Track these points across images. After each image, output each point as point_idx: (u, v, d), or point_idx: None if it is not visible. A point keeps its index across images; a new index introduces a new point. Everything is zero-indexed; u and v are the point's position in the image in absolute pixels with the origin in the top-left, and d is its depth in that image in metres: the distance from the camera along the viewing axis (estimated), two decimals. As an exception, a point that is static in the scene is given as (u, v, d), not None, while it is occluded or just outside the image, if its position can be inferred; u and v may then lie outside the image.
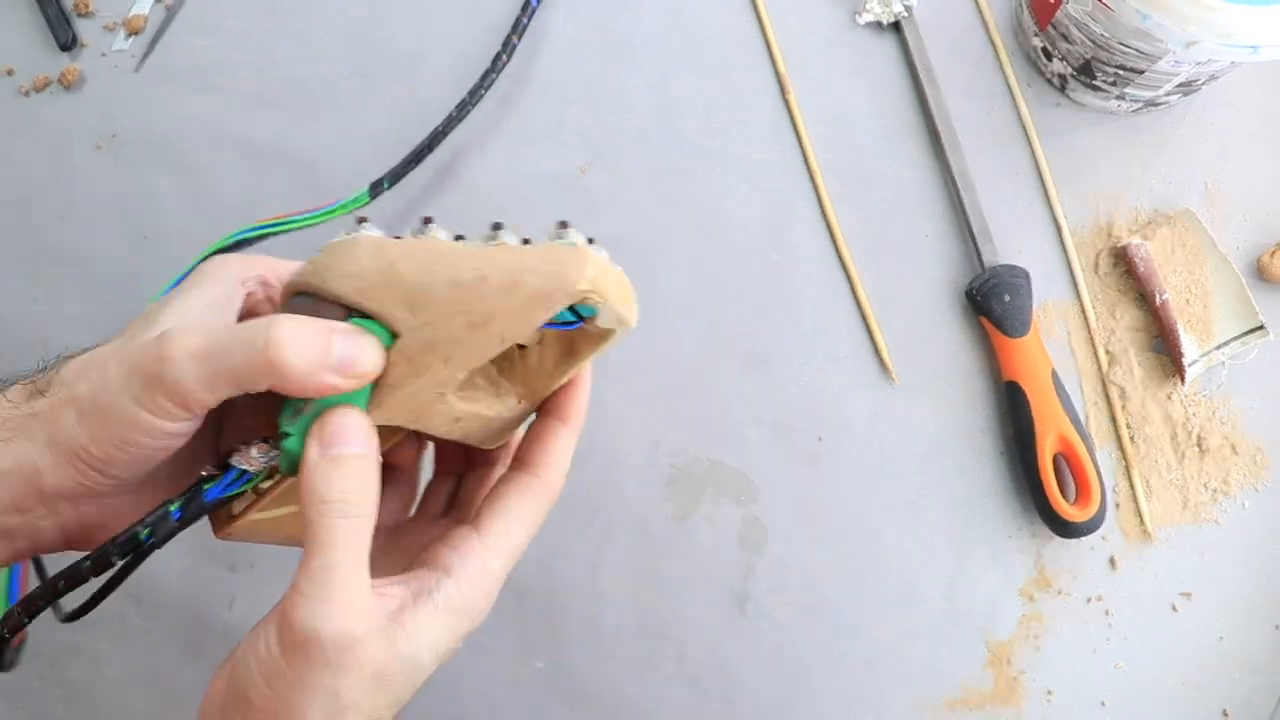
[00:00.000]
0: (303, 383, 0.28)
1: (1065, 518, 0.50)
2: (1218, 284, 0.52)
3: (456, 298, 0.30)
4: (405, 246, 0.31)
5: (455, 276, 0.30)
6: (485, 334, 0.30)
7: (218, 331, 0.29)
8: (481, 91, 0.56)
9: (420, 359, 0.30)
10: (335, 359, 0.28)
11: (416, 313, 0.30)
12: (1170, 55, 0.47)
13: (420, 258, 0.30)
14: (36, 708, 0.54)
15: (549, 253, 0.30)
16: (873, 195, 0.56)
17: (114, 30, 0.61)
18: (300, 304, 0.31)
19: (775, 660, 0.52)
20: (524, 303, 0.30)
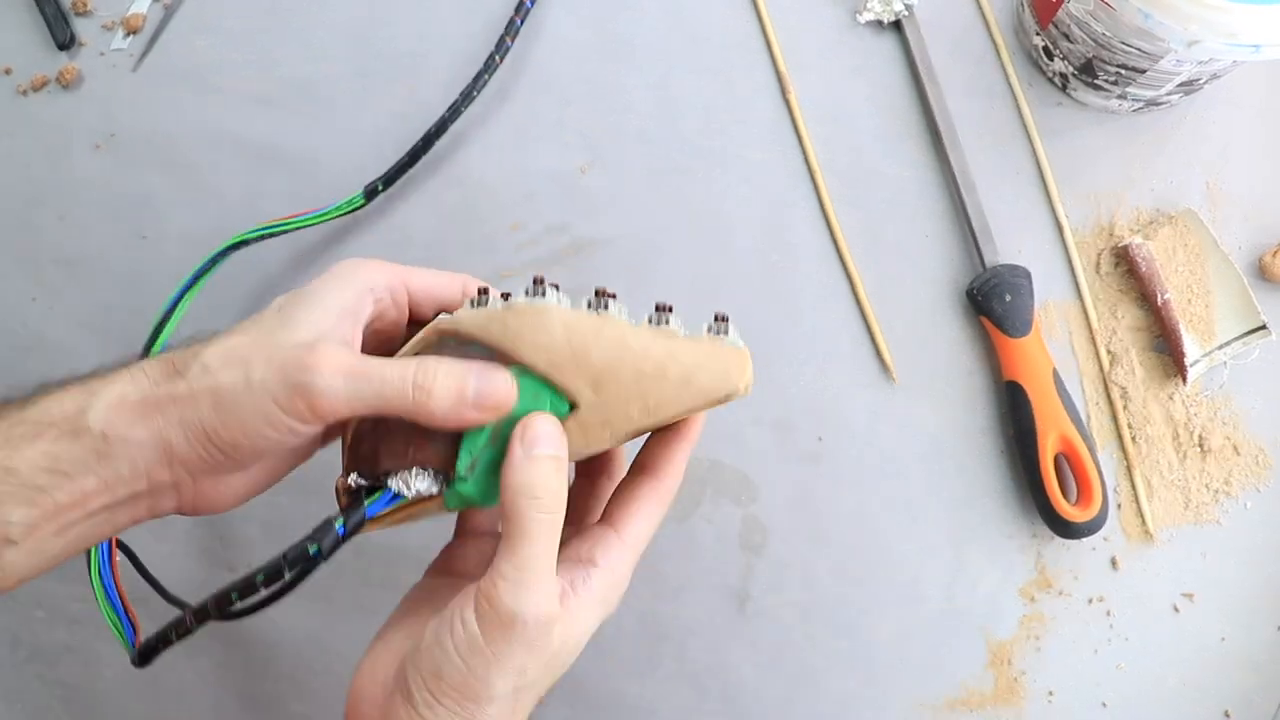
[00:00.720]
0: (444, 420, 0.32)
1: (1066, 518, 0.50)
2: (1219, 284, 0.52)
3: (637, 387, 0.34)
4: (594, 328, 0.34)
5: (640, 368, 0.34)
6: (654, 417, 0.34)
7: (370, 359, 0.32)
8: (474, 94, 0.56)
9: (592, 431, 0.34)
10: (471, 395, 0.33)
11: (599, 392, 0.34)
12: (1172, 54, 0.47)
13: (609, 345, 0.34)
14: (36, 707, 0.54)
15: (717, 352, 0.35)
16: (873, 195, 0.55)
17: (112, 29, 0.61)
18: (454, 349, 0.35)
19: (775, 660, 0.52)
20: (692, 396, 0.34)
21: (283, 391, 0.31)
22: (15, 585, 0.33)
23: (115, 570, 0.44)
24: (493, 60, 0.56)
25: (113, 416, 0.32)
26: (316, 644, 0.53)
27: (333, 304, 0.34)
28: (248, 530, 0.54)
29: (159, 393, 0.32)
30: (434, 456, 0.34)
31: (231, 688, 0.53)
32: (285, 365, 0.31)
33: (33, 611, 0.54)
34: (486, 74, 0.56)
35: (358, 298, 0.35)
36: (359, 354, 0.33)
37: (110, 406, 0.32)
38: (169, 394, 0.32)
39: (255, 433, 0.32)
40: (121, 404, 0.32)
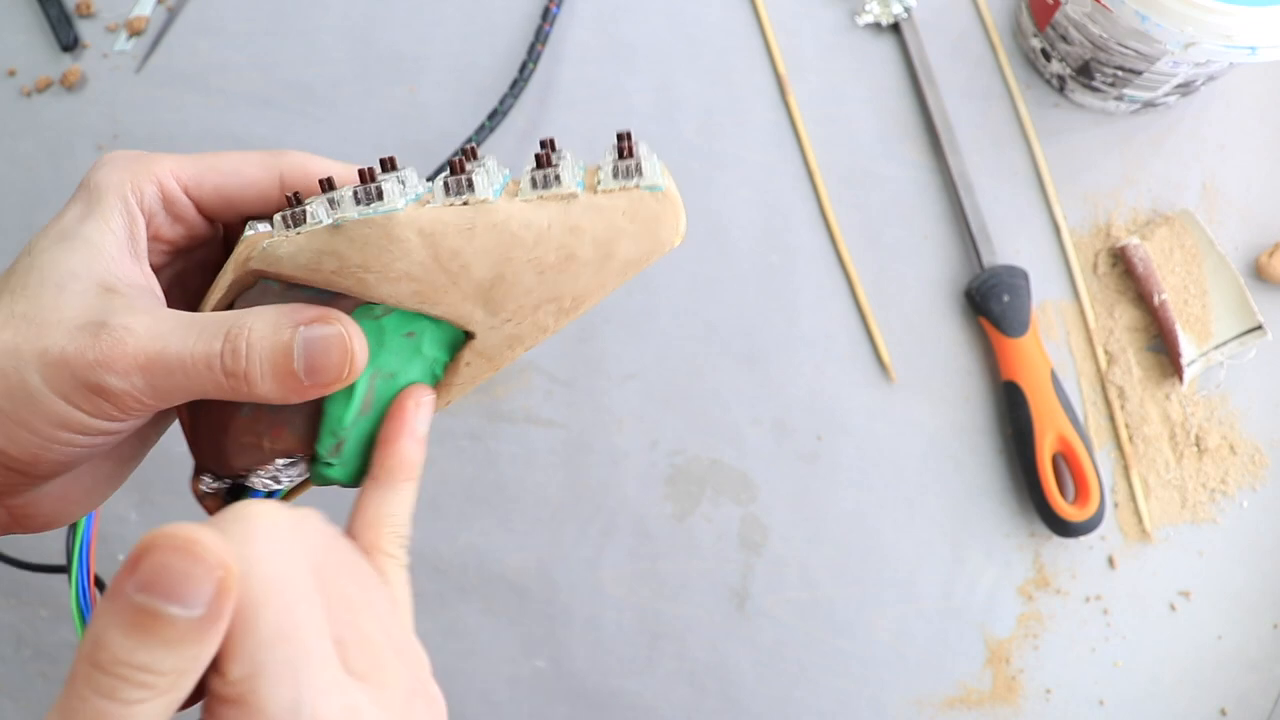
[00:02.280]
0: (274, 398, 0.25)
1: (1064, 517, 0.50)
2: (1216, 284, 0.52)
3: (543, 286, 0.26)
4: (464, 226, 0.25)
5: (541, 261, 0.26)
6: (576, 312, 0.27)
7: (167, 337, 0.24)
8: (495, 121, 0.56)
9: (499, 355, 0.27)
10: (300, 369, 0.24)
11: (495, 309, 0.26)
12: (1168, 56, 0.47)
13: (490, 244, 0.25)
14: (40, 706, 0.54)
15: (635, 208, 0.26)
16: (872, 196, 0.56)
17: (116, 31, 0.61)
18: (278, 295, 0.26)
19: (774, 658, 0.52)
20: (616, 272, 0.27)
21: (78, 393, 0.24)
22: None
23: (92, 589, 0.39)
24: (517, 84, 0.56)
25: None
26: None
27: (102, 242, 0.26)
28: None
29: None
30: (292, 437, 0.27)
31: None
32: (70, 365, 0.24)
33: (37, 610, 0.54)
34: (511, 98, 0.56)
35: (127, 223, 0.27)
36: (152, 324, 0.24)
37: None
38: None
39: (56, 442, 0.25)
40: None
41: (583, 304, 0.27)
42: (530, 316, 0.26)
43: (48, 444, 0.25)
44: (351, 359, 0.25)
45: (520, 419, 0.54)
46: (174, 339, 0.24)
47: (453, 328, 0.27)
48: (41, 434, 0.24)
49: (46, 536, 0.30)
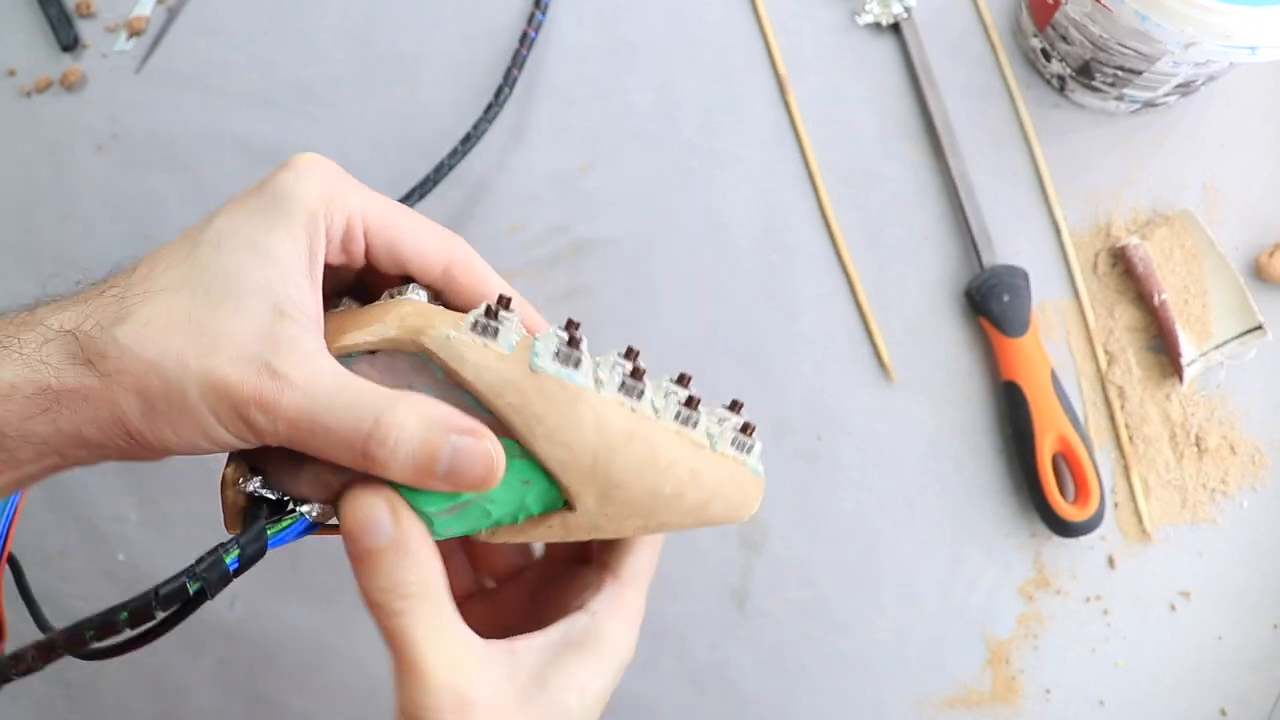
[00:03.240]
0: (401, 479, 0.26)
1: (1064, 517, 0.50)
2: (1216, 284, 0.52)
3: (647, 506, 0.29)
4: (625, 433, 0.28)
5: (659, 490, 0.29)
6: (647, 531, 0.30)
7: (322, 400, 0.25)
8: (486, 124, 0.56)
9: (576, 533, 0.29)
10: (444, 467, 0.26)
11: (603, 504, 0.29)
12: (1169, 56, 0.47)
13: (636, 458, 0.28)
14: (39, 707, 0.54)
15: (738, 479, 0.31)
16: (872, 195, 0.56)
17: (115, 31, 0.61)
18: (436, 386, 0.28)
19: (774, 658, 0.52)
20: (697, 520, 0.30)
21: (225, 416, 0.25)
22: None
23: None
24: (505, 86, 0.56)
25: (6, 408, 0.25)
26: (318, 642, 0.53)
27: (286, 262, 0.27)
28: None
29: (62, 384, 0.25)
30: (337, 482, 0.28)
31: (233, 686, 0.54)
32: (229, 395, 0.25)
33: (36, 610, 0.54)
34: (497, 106, 0.56)
35: (310, 241, 0.28)
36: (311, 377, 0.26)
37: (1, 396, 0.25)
38: (77, 389, 0.25)
39: (192, 444, 0.26)
40: (11, 396, 0.25)
41: (658, 529, 0.30)
42: (621, 520, 0.29)
43: (185, 443, 0.26)
44: (491, 476, 0.27)
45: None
46: (327, 404, 0.26)
47: (558, 497, 0.29)
48: (183, 436, 0.26)
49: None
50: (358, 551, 0.27)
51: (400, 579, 0.27)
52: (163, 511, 0.54)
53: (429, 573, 0.27)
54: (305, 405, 0.25)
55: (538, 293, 0.56)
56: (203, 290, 0.26)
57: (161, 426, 0.26)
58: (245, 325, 0.26)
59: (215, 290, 0.26)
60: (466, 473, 0.26)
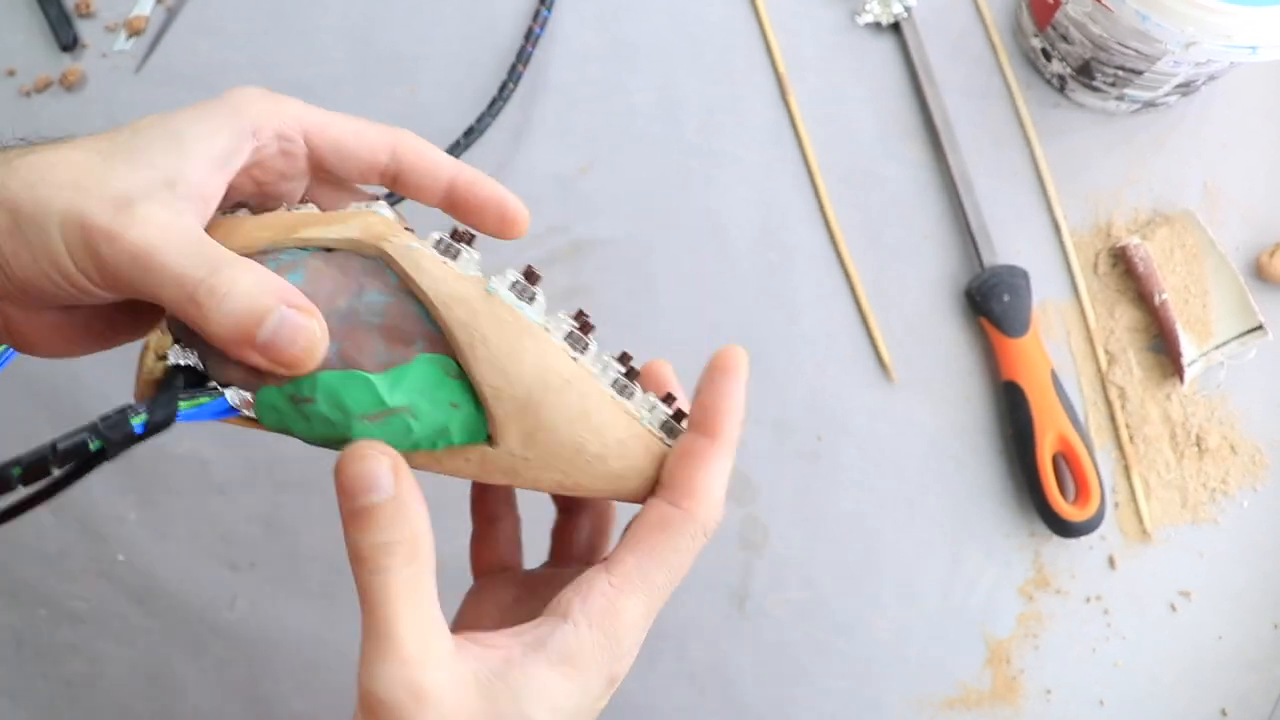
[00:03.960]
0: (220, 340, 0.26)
1: (1064, 517, 0.50)
2: (1216, 284, 0.52)
3: (569, 459, 0.28)
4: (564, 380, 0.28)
5: (584, 445, 0.28)
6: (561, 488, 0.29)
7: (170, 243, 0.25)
8: (489, 119, 0.55)
9: (490, 474, 0.28)
10: (265, 333, 0.25)
11: (525, 446, 0.28)
12: (1169, 56, 0.47)
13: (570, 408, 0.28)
14: (38, 707, 0.54)
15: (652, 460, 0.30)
16: (872, 195, 0.56)
17: (115, 31, 0.61)
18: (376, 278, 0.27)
19: (774, 659, 0.52)
20: (612, 489, 0.30)
21: (78, 245, 0.25)
22: None
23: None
24: (509, 81, 0.56)
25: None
26: (318, 642, 0.53)
27: (198, 149, 0.28)
28: (250, 530, 0.54)
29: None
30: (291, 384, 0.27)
31: (233, 686, 0.53)
32: (84, 215, 0.25)
33: (36, 610, 0.54)
34: (501, 101, 0.56)
35: (234, 141, 0.29)
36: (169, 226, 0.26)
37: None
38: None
39: (46, 279, 0.26)
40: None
41: (573, 488, 0.29)
42: (539, 469, 0.28)
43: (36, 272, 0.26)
44: (307, 356, 0.26)
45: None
46: (176, 247, 0.25)
47: (483, 430, 0.28)
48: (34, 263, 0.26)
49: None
50: (354, 507, 0.26)
51: (393, 536, 0.26)
52: (162, 511, 0.54)
53: (420, 534, 0.27)
54: (151, 242, 0.25)
55: (538, 293, 0.55)
56: (108, 152, 0.27)
57: (19, 247, 0.26)
58: (130, 179, 0.26)
59: (118, 154, 0.27)
60: (285, 346, 0.25)
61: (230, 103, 0.29)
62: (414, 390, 0.27)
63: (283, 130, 0.30)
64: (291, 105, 0.31)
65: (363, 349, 0.27)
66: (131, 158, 0.27)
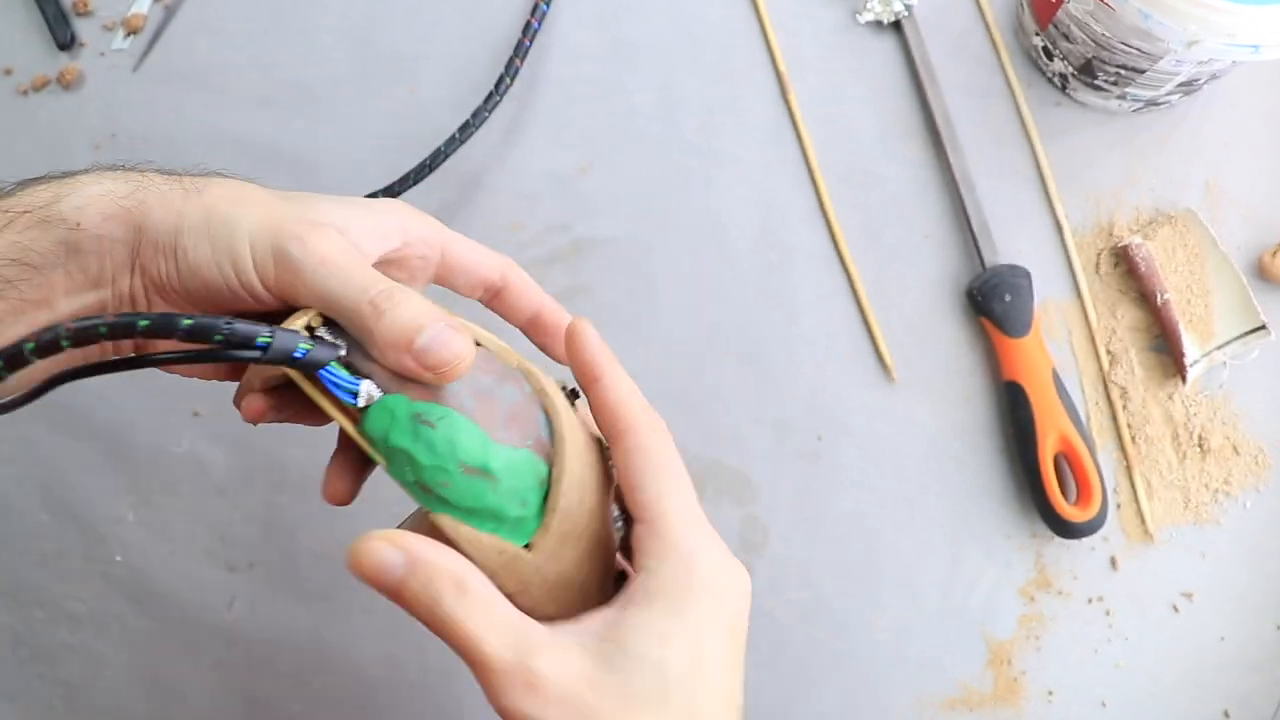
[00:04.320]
0: (380, 353, 0.29)
1: (1066, 518, 0.50)
2: (1219, 284, 0.52)
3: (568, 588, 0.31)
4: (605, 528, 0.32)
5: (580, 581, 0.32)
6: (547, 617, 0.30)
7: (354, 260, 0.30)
8: (485, 114, 0.55)
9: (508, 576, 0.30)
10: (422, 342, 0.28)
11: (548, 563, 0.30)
12: (1172, 55, 0.47)
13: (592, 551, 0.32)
14: (36, 708, 0.54)
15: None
16: (872, 195, 0.55)
17: (113, 30, 0.61)
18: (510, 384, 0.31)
19: (774, 659, 0.52)
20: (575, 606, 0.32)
21: (264, 245, 0.29)
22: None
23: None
24: (503, 82, 0.56)
25: (89, 208, 0.29)
26: (317, 643, 0.53)
27: (364, 219, 0.32)
28: (249, 531, 0.54)
29: (148, 194, 0.30)
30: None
31: (232, 687, 0.53)
32: (282, 221, 0.29)
33: (33, 611, 0.54)
34: (497, 95, 0.55)
35: (387, 230, 0.33)
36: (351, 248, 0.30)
37: (90, 198, 0.29)
38: (158, 197, 0.30)
39: (217, 267, 0.29)
40: (103, 198, 0.29)
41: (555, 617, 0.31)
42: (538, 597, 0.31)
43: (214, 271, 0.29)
44: (457, 367, 0.29)
45: (519, 419, 0.54)
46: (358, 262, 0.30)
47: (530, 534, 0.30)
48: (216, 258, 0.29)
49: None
50: (388, 594, 0.28)
51: (433, 590, 0.28)
52: (160, 513, 0.54)
53: (451, 565, 0.28)
54: (341, 251, 0.29)
55: (537, 292, 0.55)
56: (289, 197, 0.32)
57: (203, 245, 0.29)
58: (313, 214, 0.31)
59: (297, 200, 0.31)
60: (438, 350, 0.28)
61: (389, 204, 0.34)
62: (509, 470, 0.30)
63: (426, 238, 0.34)
64: (434, 222, 0.35)
65: (491, 419, 0.30)
66: (310, 206, 0.31)
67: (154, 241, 0.30)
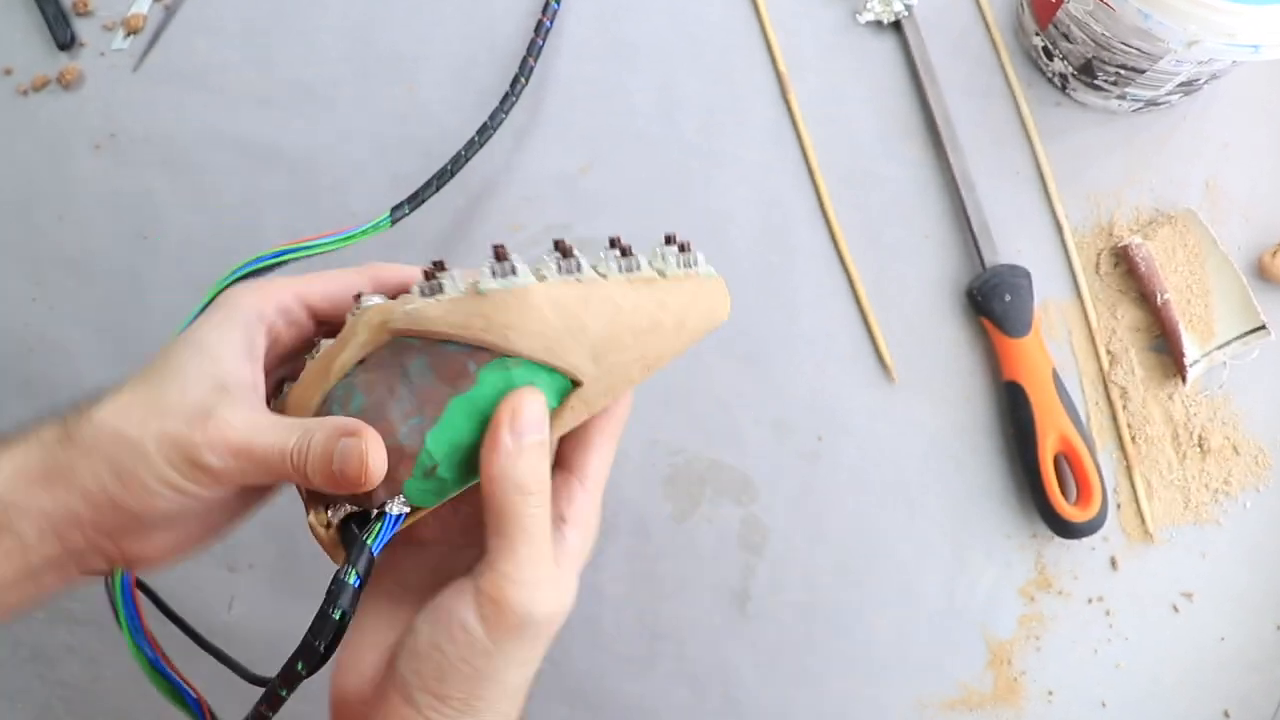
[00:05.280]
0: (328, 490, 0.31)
1: (1066, 518, 0.50)
2: (1219, 284, 0.52)
3: (637, 346, 0.33)
4: (582, 298, 0.32)
5: (637, 327, 0.32)
6: (653, 369, 0.33)
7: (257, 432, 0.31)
8: (502, 115, 0.55)
9: (596, 401, 0.33)
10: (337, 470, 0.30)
11: (600, 363, 0.32)
12: (1171, 55, 0.47)
13: (602, 312, 0.32)
14: (36, 707, 0.54)
15: (699, 289, 0.34)
16: (873, 195, 0.55)
17: (113, 30, 0.61)
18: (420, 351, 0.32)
19: (775, 660, 0.52)
20: (686, 338, 0.34)
21: (183, 465, 0.30)
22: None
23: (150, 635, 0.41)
24: (520, 76, 0.56)
25: (14, 486, 0.31)
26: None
27: (222, 351, 0.32)
28: (249, 532, 0.54)
29: (57, 461, 0.31)
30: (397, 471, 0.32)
31: (232, 688, 0.53)
32: (179, 444, 0.30)
33: (33, 612, 0.54)
34: (513, 97, 0.56)
35: (247, 334, 0.33)
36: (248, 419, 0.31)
37: (9, 477, 0.31)
38: (66, 462, 0.31)
39: (159, 497, 0.31)
40: (21, 474, 0.31)
41: (660, 362, 0.34)
42: (623, 371, 0.33)
43: (154, 496, 0.31)
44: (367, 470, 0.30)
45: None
46: (262, 435, 0.31)
47: (564, 380, 0.32)
48: (150, 489, 0.31)
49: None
50: (521, 444, 0.30)
51: (541, 473, 0.31)
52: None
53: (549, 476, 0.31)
54: (244, 438, 0.30)
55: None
56: (156, 379, 0.32)
57: (133, 486, 0.31)
58: (190, 396, 0.31)
59: (166, 377, 0.32)
60: (347, 468, 0.30)
61: (228, 305, 0.34)
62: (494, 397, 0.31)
63: (280, 306, 0.34)
64: (277, 284, 0.35)
65: (439, 400, 0.31)
66: (175, 379, 0.32)
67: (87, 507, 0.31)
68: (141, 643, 0.36)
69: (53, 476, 0.31)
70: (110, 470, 0.31)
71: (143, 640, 0.36)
